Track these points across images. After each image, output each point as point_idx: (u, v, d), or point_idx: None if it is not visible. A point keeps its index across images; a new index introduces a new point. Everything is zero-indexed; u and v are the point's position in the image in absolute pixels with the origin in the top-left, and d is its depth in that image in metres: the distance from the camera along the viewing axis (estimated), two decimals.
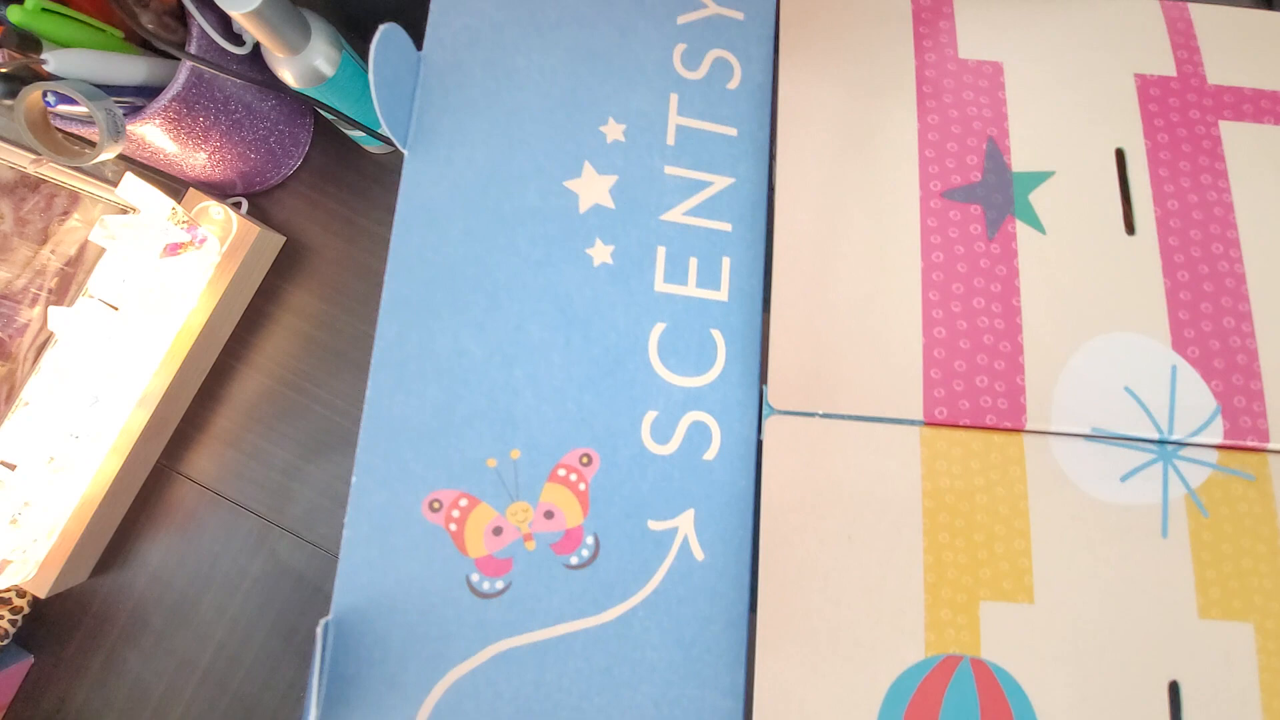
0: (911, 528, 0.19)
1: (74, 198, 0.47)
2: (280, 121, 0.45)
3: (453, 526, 0.20)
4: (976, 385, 0.20)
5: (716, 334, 0.21)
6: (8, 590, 0.46)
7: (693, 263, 0.22)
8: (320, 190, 0.50)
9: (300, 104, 0.47)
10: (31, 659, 0.48)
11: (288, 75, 0.39)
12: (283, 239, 0.49)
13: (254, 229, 0.45)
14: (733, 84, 0.23)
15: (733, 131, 0.23)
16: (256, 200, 0.49)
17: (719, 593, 0.20)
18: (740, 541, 0.20)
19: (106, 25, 0.37)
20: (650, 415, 0.21)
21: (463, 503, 0.20)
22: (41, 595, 0.44)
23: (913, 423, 0.20)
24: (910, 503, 0.19)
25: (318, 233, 0.49)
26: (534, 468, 0.20)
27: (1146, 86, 0.23)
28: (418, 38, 0.45)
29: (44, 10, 0.35)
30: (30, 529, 0.43)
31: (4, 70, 0.34)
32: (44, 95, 0.35)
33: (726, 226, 0.22)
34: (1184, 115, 0.23)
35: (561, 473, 0.20)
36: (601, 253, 0.21)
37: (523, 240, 0.21)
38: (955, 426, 0.20)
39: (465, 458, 0.20)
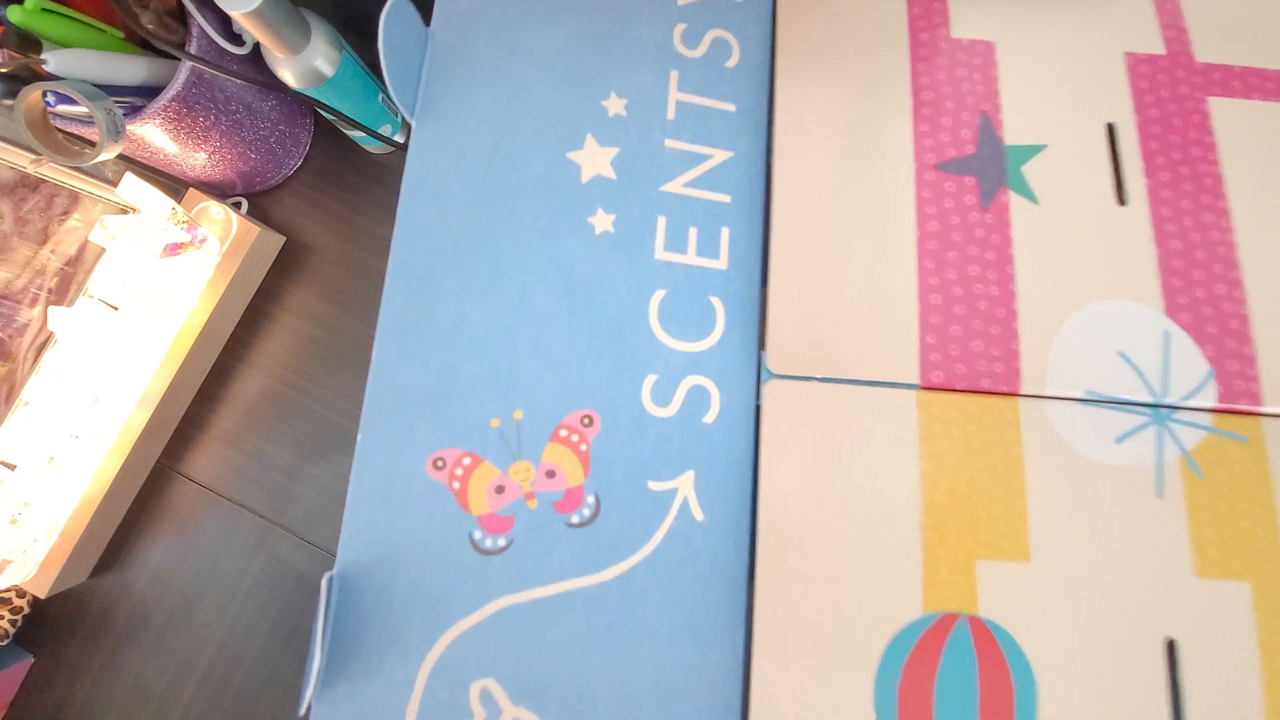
0: (909, 490, 0.20)
1: (74, 198, 0.47)
2: (280, 121, 0.45)
3: (456, 484, 0.20)
4: (972, 350, 0.21)
5: (716, 301, 0.22)
6: (8, 590, 0.46)
7: (692, 232, 0.22)
8: (320, 190, 0.50)
9: (300, 104, 0.47)
10: (31, 659, 0.48)
11: (288, 75, 0.39)
12: (283, 239, 0.49)
13: (254, 229, 0.45)
14: (731, 62, 0.24)
15: (731, 107, 0.24)
16: (256, 200, 0.49)
17: (719, 554, 0.20)
18: (740, 503, 0.21)
19: (106, 25, 0.37)
20: (651, 379, 0.21)
21: (466, 461, 0.20)
22: (41, 595, 0.44)
23: (910, 386, 0.21)
24: (908, 466, 0.20)
25: (318, 233, 0.49)
26: (536, 428, 0.21)
27: (1136, 64, 0.24)
28: (426, 16, 0.45)
29: (44, 10, 0.35)
30: (30, 529, 0.43)
31: (4, 70, 0.34)
32: (44, 95, 0.35)
33: (725, 198, 0.23)
34: (1174, 91, 0.24)
35: (563, 433, 0.20)
36: (603, 221, 0.22)
37: (526, 210, 0.22)
38: (951, 391, 0.20)
39: (468, 418, 0.21)
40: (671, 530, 0.20)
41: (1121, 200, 0.23)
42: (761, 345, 0.22)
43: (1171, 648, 0.18)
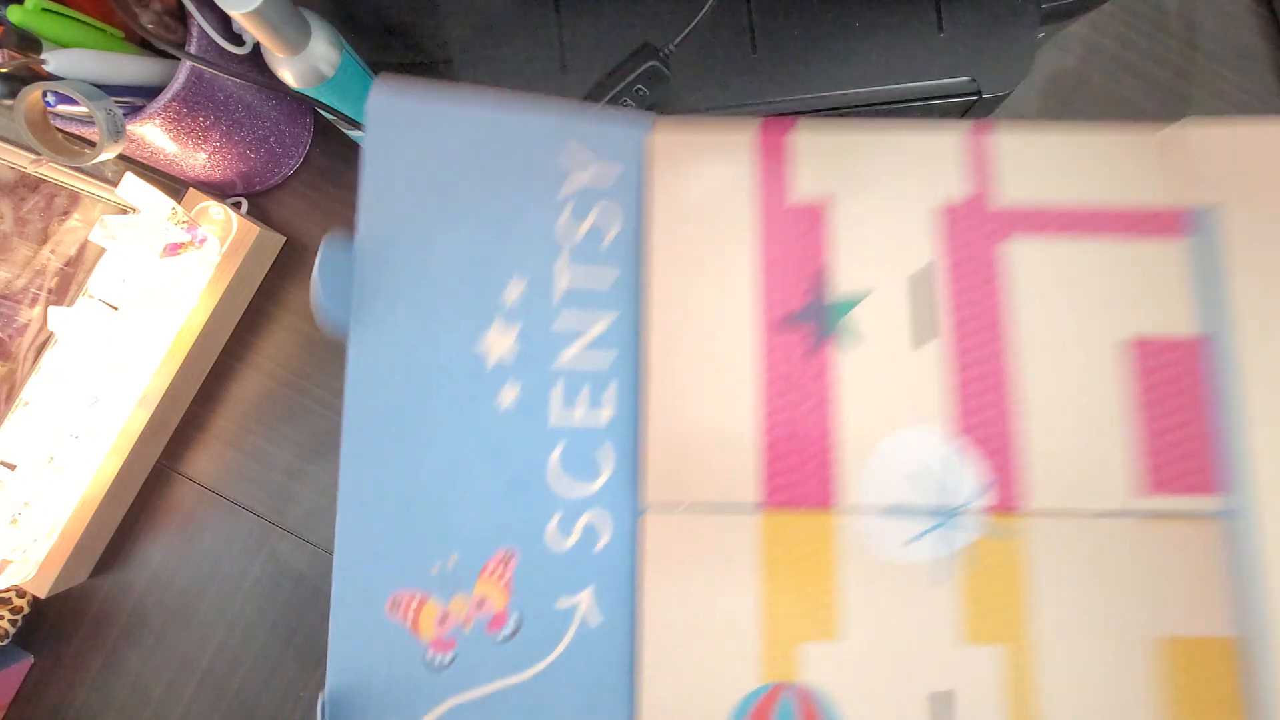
0: (751, 588, 0.26)
1: (74, 198, 0.47)
2: (280, 121, 0.45)
3: (409, 618, 0.26)
4: (803, 472, 0.26)
5: (605, 450, 0.27)
6: (8, 590, 0.46)
7: (583, 393, 0.27)
8: (320, 190, 0.50)
9: (300, 104, 0.47)
10: (31, 659, 0.48)
11: (288, 75, 0.39)
12: (283, 239, 0.49)
13: (254, 229, 0.45)
14: (610, 237, 0.28)
15: (613, 276, 0.28)
16: (256, 200, 0.49)
17: (613, 646, 0.26)
18: (628, 607, 0.26)
19: (106, 25, 0.37)
20: (554, 519, 0.27)
21: (414, 600, 0.26)
22: (41, 595, 0.44)
23: (753, 507, 0.26)
24: (749, 565, 0.26)
25: (318, 233, 0.49)
26: (468, 568, 0.26)
27: (945, 214, 0.28)
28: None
29: (44, 10, 0.35)
30: (30, 529, 0.43)
31: (4, 70, 0.34)
32: (44, 95, 0.35)
33: (613, 354, 0.28)
34: (976, 237, 0.28)
35: (488, 571, 0.26)
36: (508, 396, 0.27)
37: (446, 392, 0.27)
38: (784, 508, 0.26)
39: (415, 565, 0.26)
40: (577, 634, 0.26)
41: (927, 338, 0.27)
42: (638, 482, 0.27)
43: (944, 700, 0.25)
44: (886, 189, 0.28)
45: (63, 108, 0.36)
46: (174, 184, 0.46)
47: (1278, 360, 0.26)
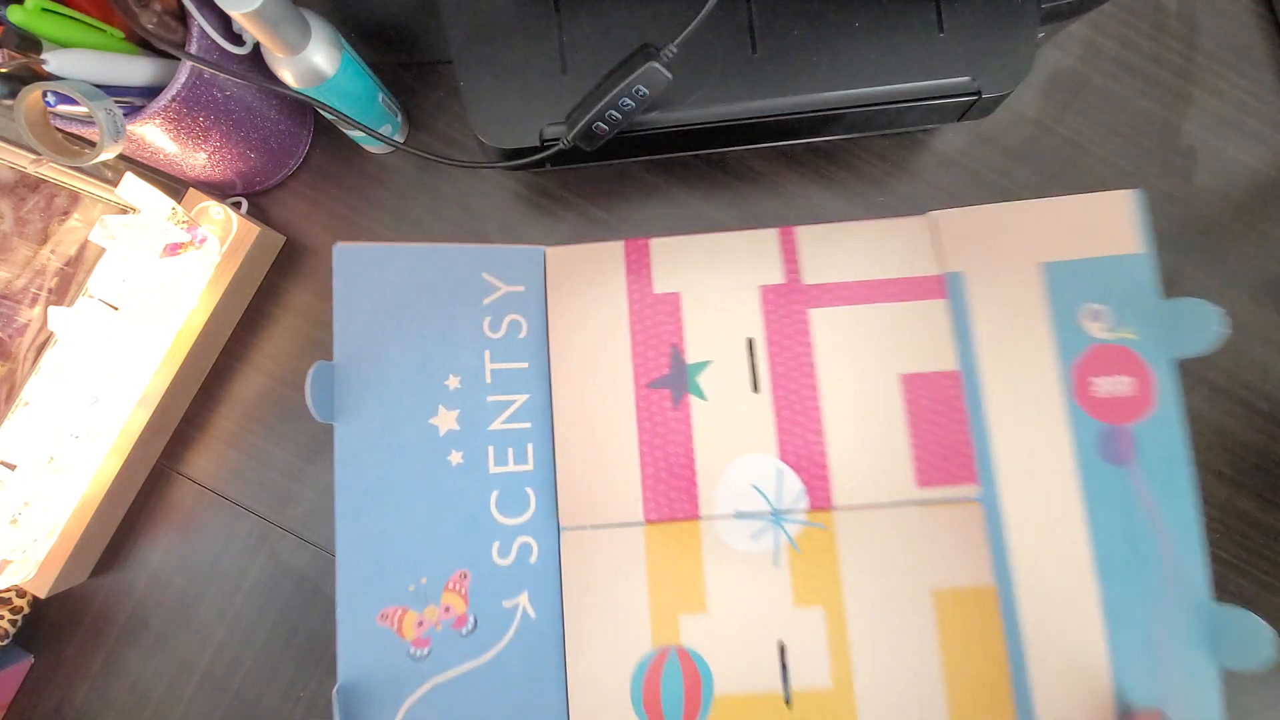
0: (641, 579, 0.35)
1: (74, 198, 0.47)
2: (280, 121, 0.45)
3: (395, 625, 0.35)
4: (674, 493, 0.36)
5: (529, 490, 0.37)
6: (8, 590, 0.46)
7: (510, 450, 0.37)
8: (320, 190, 0.50)
9: (300, 104, 0.47)
10: (31, 659, 0.48)
11: (288, 75, 0.39)
12: (283, 239, 0.49)
13: (254, 229, 0.45)
14: (522, 334, 0.38)
15: (525, 365, 0.38)
16: (256, 200, 0.49)
17: (548, 636, 0.35)
18: (556, 603, 0.36)
19: (106, 25, 0.37)
20: (496, 543, 0.36)
21: (397, 612, 0.35)
22: (41, 595, 0.44)
23: (638, 522, 0.36)
24: (638, 564, 0.35)
25: (318, 233, 0.49)
26: (434, 586, 0.35)
27: (766, 293, 0.37)
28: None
29: (44, 10, 0.35)
30: (30, 529, 0.43)
31: (4, 70, 0.34)
32: (44, 95, 0.35)
33: (529, 425, 0.37)
34: (789, 309, 0.37)
35: (450, 586, 0.35)
36: (456, 457, 0.36)
37: (412, 457, 0.36)
38: (662, 520, 0.36)
39: (396, 586, 0.35)
40: (519, 625, 0.35)
41: (756, 389, 0.36)
42: (555, 511, 0.36)
43: (782, 648, 0.34)
44: (721, 280, 0.37)
45: (63, 108, 0.36)
46: (174, 184, 0.46)
47: (1009, 385, 0.36)
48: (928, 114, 0.41)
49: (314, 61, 0.38)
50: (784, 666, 0.34)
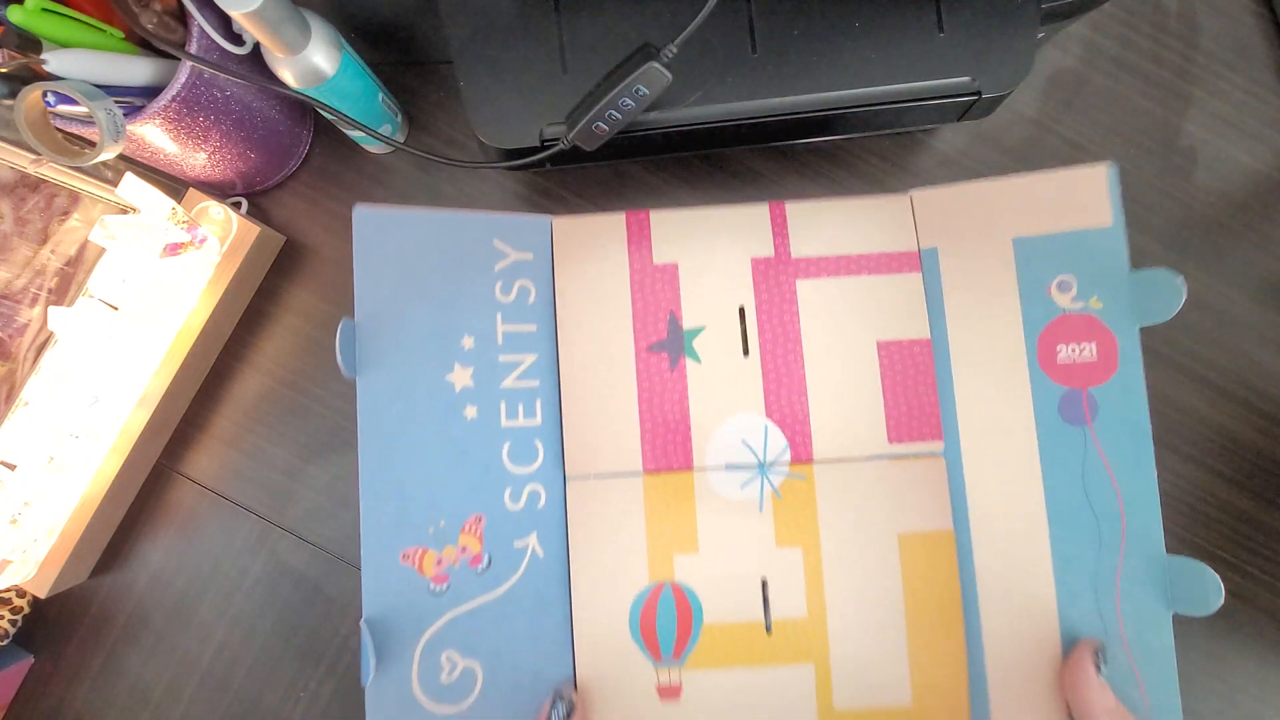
0: (640, 523, 0.38)
1: (74, 198, 0.47)
2: (280, 121, 0.45)
3: (416, 564, 0.37)
4: (670, 447, 0.39)
5: (538, 442, 0.39)
6: (8, 590, 0.46)
7: (520, 406, 0.39)
8: (320, 190, 0.50)
9: (300, 104, 0.47)
10: (31, 659, 0.48)
11: (288, 75, 0.39)
12: (283, 239, 0.49)
13: (254, 229, 0.45)
14: (531, 300, 0.40)
15: (534, 328, 0.40)
16: (256, 200, 0.49)
17: (554, 572, 0.38)
18: (562, 544, 0.39)
19: (106, 25, 0.37)
20: (508, 490, 0.39)
21: (418, 552, 0.37)
22: (41, 595, 0.44)
23: (638, 472, 0.39)
24: (637, 508, 0.39)
25: (318, 233, 0.49)
26: (452, 528, 0.38)
27: (757, 265, 0.40)
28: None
29: (44, 10, 0.35)
30: (30, 529, 0.43)
31: (4, 70, 0.34)
32: (44, 95, 0.35)
33: (537, 383, 0.40)
34: (778, 280, 0.40)
35: (467, 528, 0.38)
36: (470, 412, 0.39)
37: (432, 410, 0.38)
38: (659, 471, 0.39)
39: (417, 529, 0.37)
40: (529, 563, 0.38)
41: (746, 354, 0.39)
42: (561, 462, 0.39)
43: (764, 583, 0.38)
44: (715, 251, 0.40)
45: (63, 108, 0.36)
46: (174, 184, 0.46)
47: (975, 352, 0.39)
48: (927, 114, 0.41)
49: (314, 61, 0.38)
50: (765, 599, 0.37)
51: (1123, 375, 0.37)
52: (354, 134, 0.46)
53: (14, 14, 0.34)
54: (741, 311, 0.39)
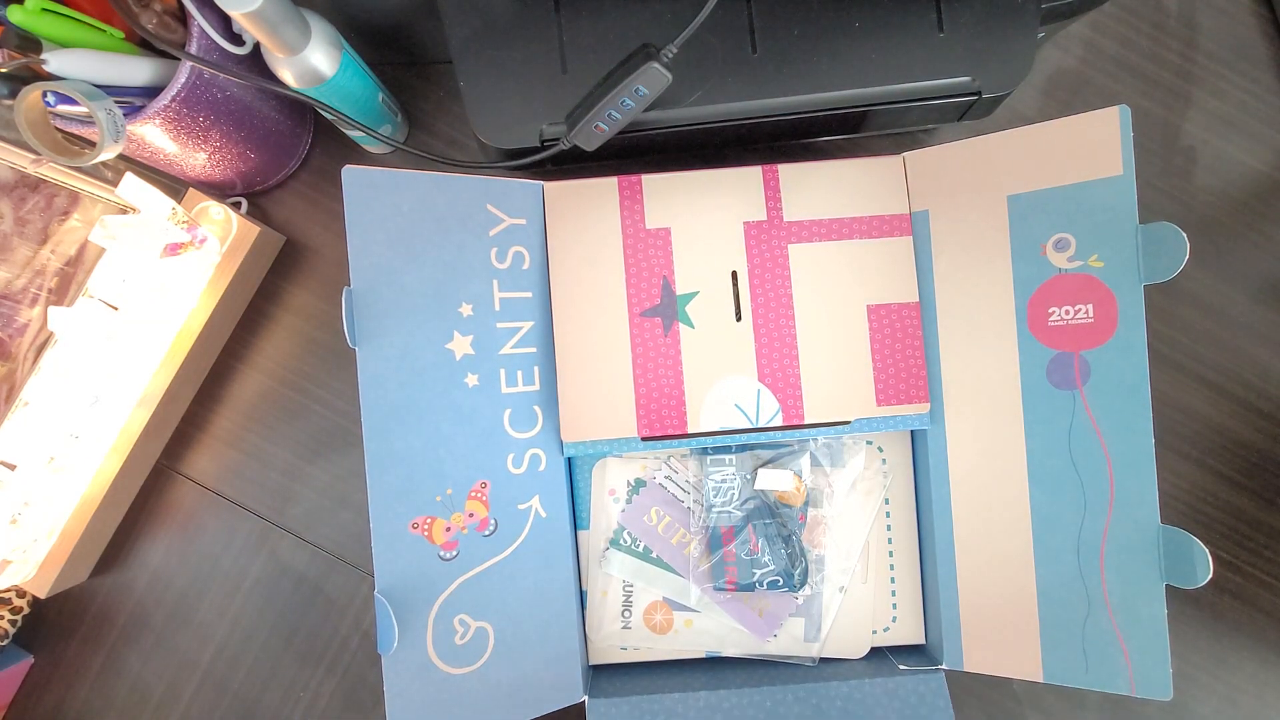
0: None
1: (74, 198, 0.47)
2: (280, 121, 0.45)
3: (426, 532, 0.38)
4: (665, 411, 0.40)
5: (537, 408, 0.40)
6: (8, 590, 0.46)
7: (519, 373, 0.40)
8: (320, 190, 0.50)
9: (300, 104, 0.47)
10: (31, 659, 0.48)
11: (288, 75, 0.39)
12: (283, 239, 0.49)
13: (254, 229, 0.45)
14: (526, 266, 0.40)
15: (530, 294, 0.40)
16: (256, 200, 0.49)
17: (557, 529, 0.40)
18: (563, 505, 0.41)
19: (106, 25, 0.37)
20: (510, 455, 0.40)
21: (427, 521, 0.38)
22: (41, 595, 0.44)
23: (632, 439, 0.40)
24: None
25: (318, 233, 0.49)
26: (459, 495, 0.39)
27: (749, 229, 0.40)
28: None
29: (44, 10, 0.35)
30: (30, 529, 0.43)
31: (4, 70, 0.34)
32: (44, 95, 0.35)
33: (534, 349, 0.40)
34: (770, 244, 0.40)
35: (473, 494, 0.39)
36: (472, 379, 0.39)
37: (432, 378, 0.39)
38: (654, 436, 0.40)
39: (425, 497, 0.39)
40: (533, 525, 0.40)
41: (739, 318, 0.40)
42: (559, 429, 0.40)
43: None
44: (708, 215, 0.40)
45: (63, 108, 0.36)
46: (174, 184, 0.46)
47: (961, 316, 0.39)
48: (928, 114, 0.41)
49: (314, 61, 0.38)
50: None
51: (1122, 336, 0.36)
52: (354, 134, 0.46)
53: (14, 14, 0.34)
54: (734, 276, 0.40)
